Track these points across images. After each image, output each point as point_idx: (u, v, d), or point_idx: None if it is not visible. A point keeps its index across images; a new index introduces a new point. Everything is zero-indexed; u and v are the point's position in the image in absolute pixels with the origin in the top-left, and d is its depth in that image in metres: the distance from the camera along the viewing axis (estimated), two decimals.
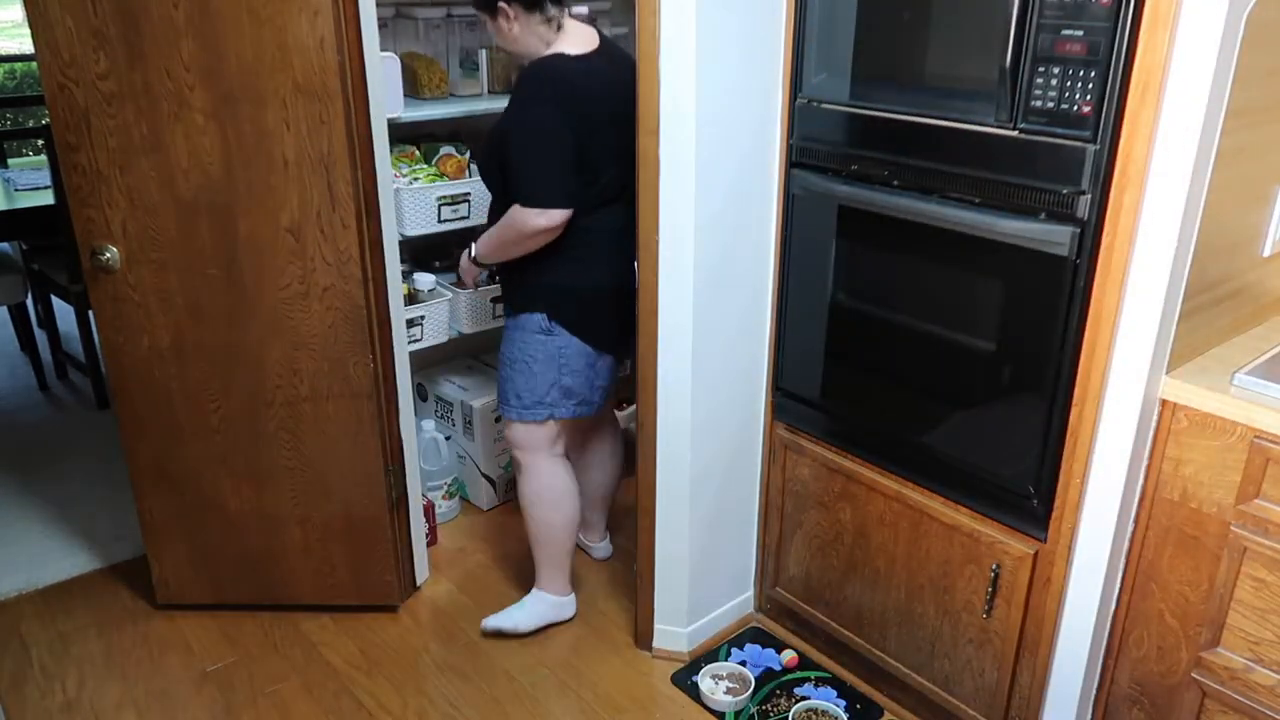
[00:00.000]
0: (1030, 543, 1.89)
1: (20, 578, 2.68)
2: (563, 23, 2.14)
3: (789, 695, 2.28)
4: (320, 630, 2.50)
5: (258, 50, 2.01)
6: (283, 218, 2.15)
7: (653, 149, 1.98)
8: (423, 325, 2.73)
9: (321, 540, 2.46)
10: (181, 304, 2.22)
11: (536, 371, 2.26)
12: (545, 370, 2.26)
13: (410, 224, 2.62)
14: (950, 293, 1.90)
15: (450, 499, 2.97)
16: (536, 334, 2.24)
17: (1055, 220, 1.68)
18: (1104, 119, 1.58)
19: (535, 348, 2.25)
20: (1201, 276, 1.68)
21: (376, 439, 2.36)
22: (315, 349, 2.26)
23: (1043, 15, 1.60)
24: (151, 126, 2.07)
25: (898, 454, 2.08)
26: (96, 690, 2.30)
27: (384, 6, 2.22)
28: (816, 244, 2.11)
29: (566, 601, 2.51)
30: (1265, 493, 1.60)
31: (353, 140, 2.12)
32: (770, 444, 2.36)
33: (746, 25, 1.96)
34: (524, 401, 2.28)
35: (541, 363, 2.25)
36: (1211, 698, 1.75)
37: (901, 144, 1.87)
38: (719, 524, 2.37)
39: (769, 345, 2.28)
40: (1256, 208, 1.77)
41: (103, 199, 2.12)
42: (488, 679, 2.35)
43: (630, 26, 2.55)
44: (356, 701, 2.27)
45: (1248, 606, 1.66)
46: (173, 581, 2.51)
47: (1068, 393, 1.75)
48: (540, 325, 2.23)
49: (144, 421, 2.33)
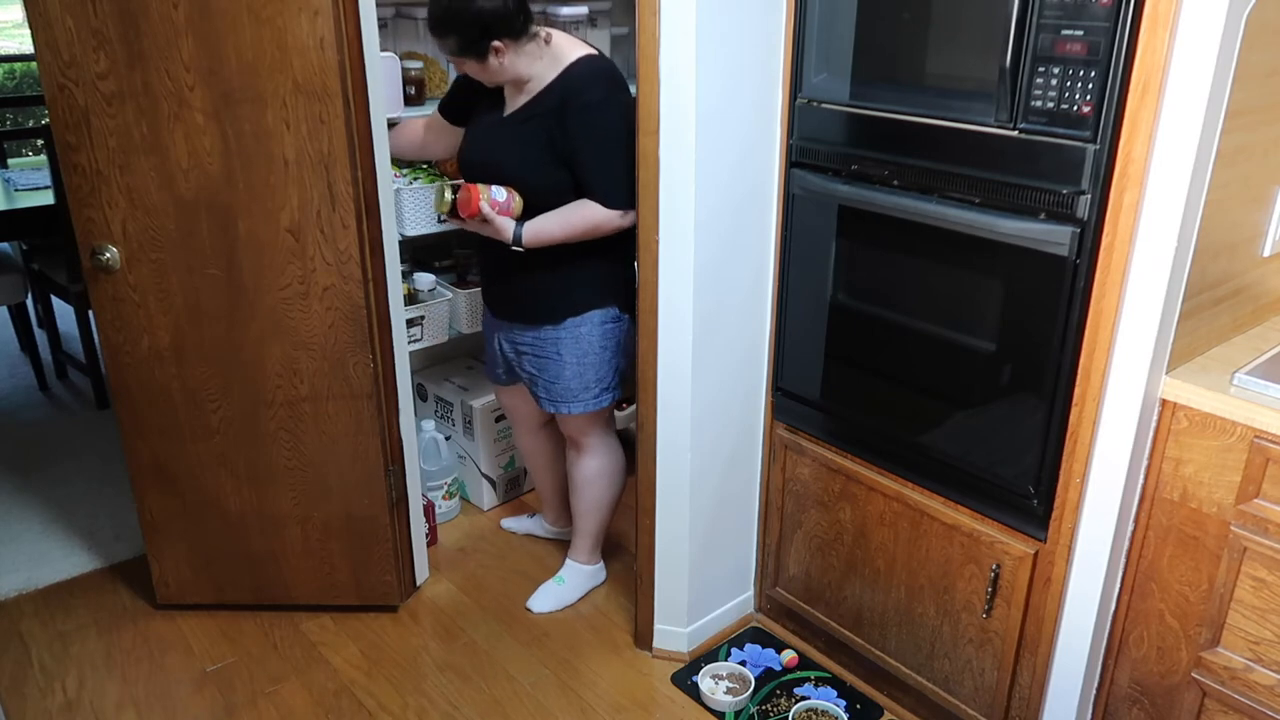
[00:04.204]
0: (1030, 543, 1.89)
1: (20, 578, 2.69)
2: (550, 35, 2.13)
3: (789, 695, 2.28)
4: (320, 630, 2.50)
5: (257, 50, 2.01)
6: (283, 218, 2.15)
7: (653, 149, 1.98)
8: (423, 325, 2.73)
9: (321, 540, 2.46)
10: (181, 304, 2.22)
11: (607, 360, 2.34)
12: (612, 358, 2.35)
13: (410, 224, 2.62)
14: (950, 293, 1.90)
15: (450, 499, 2.97)
16: (605, 324, 2.30)
17: (1055, 220, 1.68)
18: (1104, 119, 1.58)
19: (604, 339, 2.31)
20: (1201, 276, 1.68)
21: (376, 439, 2.36)
22: (315, 349, 2.26)
23: (1043, 15, 1.60)
24: (151, 126, 2.07)
25: (898, 454, 2.08)
26: (96, 690, 2.30)
27: (384, 6, 2.22)
28: (816, 244, 2.11)
29: (599, 569, 2.68)
30: (1265, 493, 1.60)
31: (353, 140, 2.12)
32: (770, 444, 2.36)
33: (746, 25, 1.96)
34: (593, 392, 2.35)
35: (611, 350, 2.34)
36: (1211, 698, 1.75)
37: (901, 144, 1.87)
38: (719, 524, 2.37)
39: (769, 345, 2.28)
40: (1256, 208, 1.77)
41: (103, 199, 2.12)
42: (488, 679, 2.35)
43: (630, 26, 2.54)
44: (356, 701, 2.27)
45: (1248, 606, 1.66)
46: (173, 581, 2.51)
47: (1068, 393, 1.75)
48: (610, 316, 2.30)
49: (144, 421, 2.33)
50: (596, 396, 2.36)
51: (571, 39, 2.20)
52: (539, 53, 2.12)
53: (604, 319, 2.30)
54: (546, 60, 2.13)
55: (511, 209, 2.19)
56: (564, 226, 2.17)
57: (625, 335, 2.34)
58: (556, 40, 2.15)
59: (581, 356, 2.31)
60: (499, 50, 2.06)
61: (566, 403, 2.36)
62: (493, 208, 2.17)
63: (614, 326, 2.31)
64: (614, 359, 2.35)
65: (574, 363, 2.31)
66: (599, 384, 2.35)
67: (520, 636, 2.49)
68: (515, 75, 2.13)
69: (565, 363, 2.32)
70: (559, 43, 2.15)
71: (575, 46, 2.17)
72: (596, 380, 2.34)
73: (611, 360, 2.35)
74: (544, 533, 2.88)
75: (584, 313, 2.28)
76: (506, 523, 2.95)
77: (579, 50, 2.16)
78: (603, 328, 2.30)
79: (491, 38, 2.03)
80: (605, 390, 2.36)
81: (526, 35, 2.08)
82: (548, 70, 2.13)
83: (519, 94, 2.17)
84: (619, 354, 2.36)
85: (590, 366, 2.32)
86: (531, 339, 2.34)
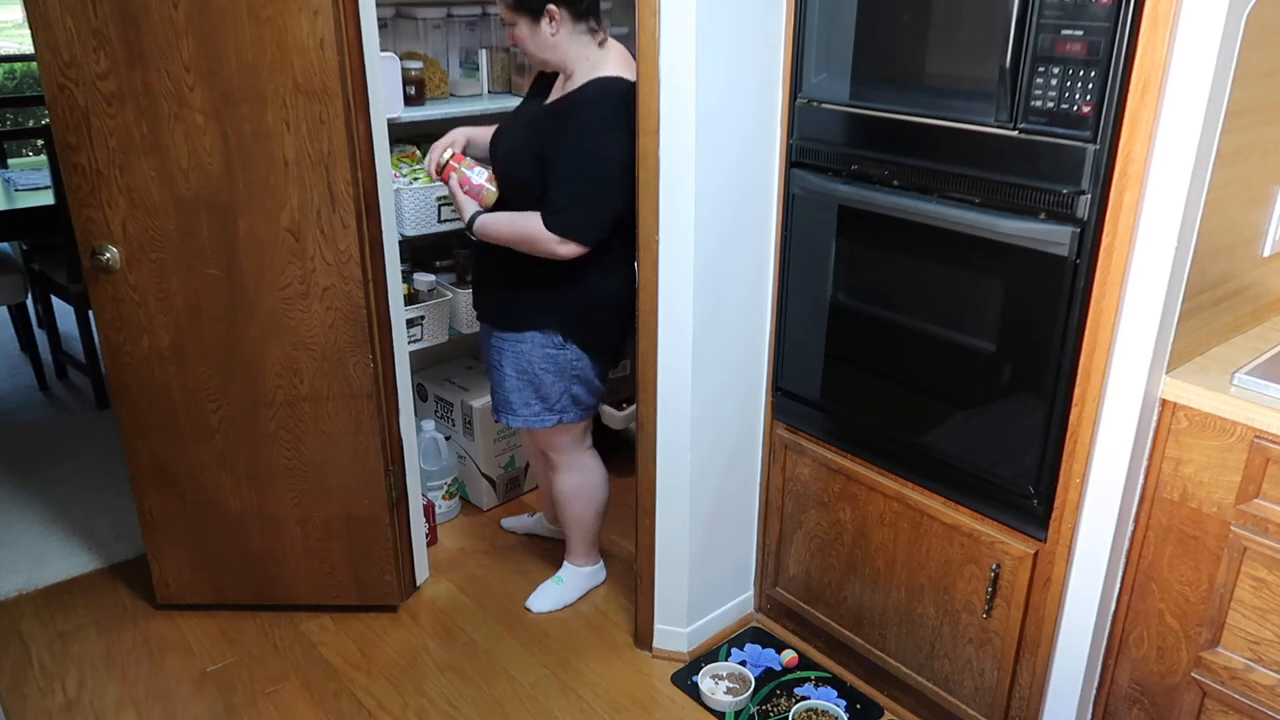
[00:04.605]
0: (1030, 543, 1.89)
1: (20, 578, 2.69)
2: (606, 39, 2.12)
3: (789, 695, 2.28)
4: (320, 630, 2.50)
5: (257, 50, 2.01)
6: (283, 218, 2.15)
7: (653, 149, 1.98)
8: (423, 325, 2.73)
9: (321, 540, 2.46)
10: (181, 304, 2.22)
11: (549, 384, 2.28)
12: (556, 381, 2.28)
13: (410, 224, 2.62)
14: (950, 293, 1.90)
15: (450, 499, 2.97)
16: (546, 349, 2.25)
17: (1055, 220, 1.68)
18: (1104, 119, 1.58)
19: (545, 362, 2.26)
20: (1201, 276, 1.68)
21: (376, 439, 2.36)
22: (315, 349, 2.26)
23: (1043, 15, 1.60)
24: (151, 126, 2.07)
25: (898, 454, 2.08)
26: (96, 690, 2.30)
27: (384, 6, 2.22)
28: (816, 244, 2.11)
29: (598, 569, 2.66)
30: (1265, 492, 1.60)
31: (353, 140, 2.12)
32: (770, 444, 2.36)
33: (746, 25, 1.96)
34: (533, 410, 2.31)
35: (553, 375, 2.27)
36: (1212, 697, 1.75)
37: (901, 144, 1.87)
38: (719, 524, 2.37)
39: (769, 345, 2.28)
40: (1256, 208, 1.77)
41: (103, 199, 2.12)
42: (488, 679, 2.35)
43: (630, 26, 2.55)
44: (356, 701, 2.27)
45: (1248, 606, 1.66)
46: (173, 581, 2.51)
47: (1068, 393, 1.75)
48: (552, 342, 2.24)
49: (144, 421, 2.33)
50: (538, 414, 2.31)
51: (622, 55, 2.14)
52: (588, 50, 2.09)
53: (544, 343, 2.24)
54: (591, 61, 2.10)
55: (482, 196, 2.20)
56: (509, 227, 2.16)
57: (575, 364, 2.27)
58: (609, 47, 2.12)
59: (520, 372, 2.28)
60: (553, 16, 2.03)
61: (505, 414, 2.34)
62: (461, 185, 2.18)
63: (555, 353, 2.25)
64: (559, 384, 2.28)
65: (513, 375, 2.29)
66: (541, 403, 2.30)
67: (520, 636, 2.49)
68: (561, 59, 2.10)
69: (505, 373, 2.30)
70: (608, 51, 2.12)
71: (616, 61, 2.12)
72: (539, 399, 2.29)
73: (556, 385, 2.28)
74: (545, 531, 2.88)
75: (524, 330, 2.25)
76: (507, 522, 2.94)
77: (613, 68, 2.11)
78: (543, 351, 2.25)
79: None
80: (550, 411, 2.31)
81: (584, 20, 2.06)
82: (585, 73, 2.10)
83: (560, 86, 2.16)
84: (568, 381, 2.28)
85: (529, 385, 2.28)
86: (493, 340, 2.33)
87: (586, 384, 2.32)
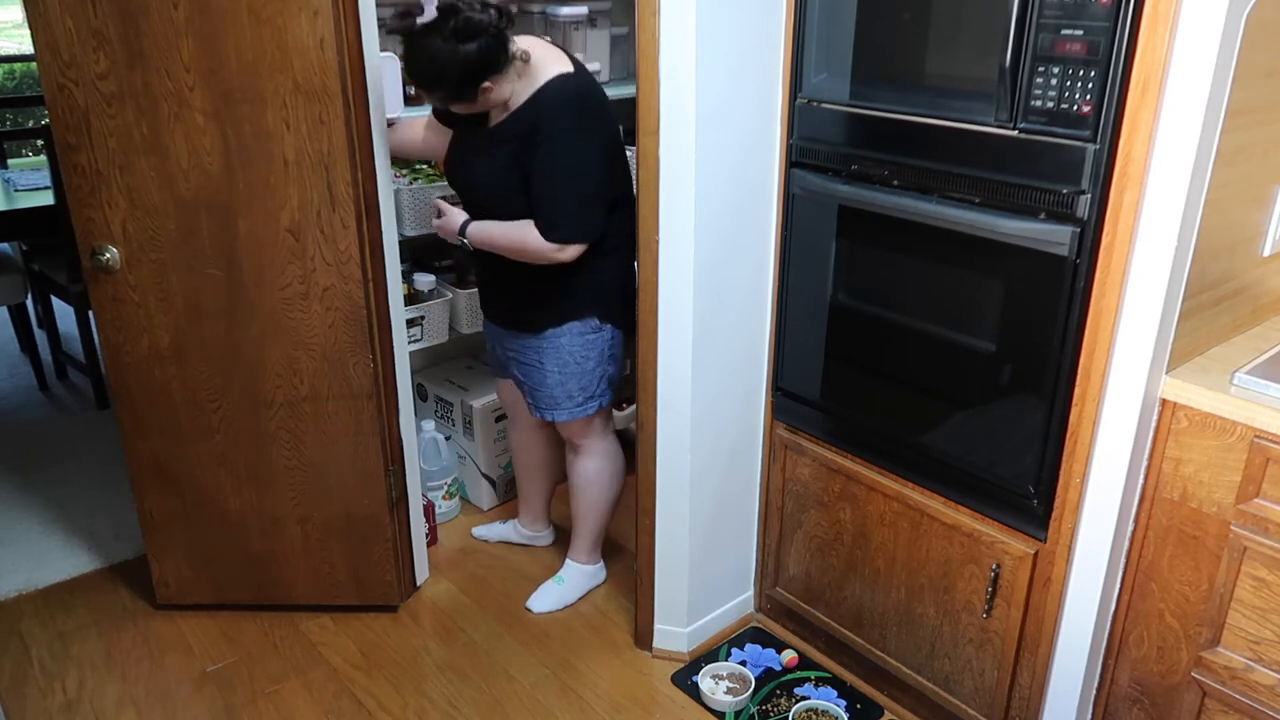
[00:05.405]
0: (1030, 543, 1.89)
1: (20, 578, 2.69)
2: (529, 52, 2.08)
3: (789, 695, 2.28)
4: (320, 630, 2.50)
5: (257, 50, 2.01)
6: (283, 218, 2.15)
7: (652, 149, 1.98)
8: (423, 325, 2.74)
9: (321, 540, 2.46)
10: (181, 304, 2.22)
11: (589, 369, 2.33)
12: (596, 366, 2.33)
13: (410, 224, 2.62)
14: (950, 293, 1.90)
15: (450, 499, 2.97)
16: (584, 335, 2.29)
17: (1055, 220, 1.68)
18: (1104, 119, 1.58)
19: (584, 349, 2.31)
20: (1201, 276, 1.68)
21: (376, 439, 2.36)
22: (315, 349, 2.26)
23: (1043, 15, 1.60)
24: (151, 127, 2.07)
25: (898, 454, 2.08)
26: (96, 690, 2.30)
27: (384, 7, 2.22)
28: (816, 244, 2.11)
29: (599, 568, 2.67)
30: (1265, 492, 1.60)
31: (353, 140, 2.12)
32: (770, 444, 2.36)
33: (746, 25, 1.96)
34: (576, 400, 2.35)
35: (594, 360, 2.32)
36: (1212, 697, 1.75)
37: (901, 144, 1.87)
38: (719, 524, 2.37)
39: (769, 345, 2.28)
40: (1256, 208, 1.77)
41: (103, 199, 2.12)
42: (488, 679, 2.35)
43: (630, 26, 2.54)
44: (356, 701, 2.27)
45: (1248, 606, 1.66)
46: (173, 581, 2.51)
47: (1068, 393, 1.75)
48: (590, 327, 2.29)
49: (144, 421, 2.33)
50: (581, 404, 2.36)
51: (548, 49, 2.15)
52: (519, 71, 2.08)
53: (582, 330, 2.28)
54: (526, 78, 2.10)
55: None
56: (504, 237, 2.19)
57: (610, 344, 2.33)
58: (535, 55, 2.10)
59: (562, 366, 2.31)
60: (487, 89, 2.04)
61: (551, 410, 2.37)
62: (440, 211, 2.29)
63: (594, 337, 2.30)
64: (598, 368, 2.34)
65: (555, 371, 2.32)
66: (582, 392, 2.35)
67: (520, 636, 2.49)
68: (500, 100, 2.11)
69: (547, 371, 2.32)
70: (537, 58, 2.10)
71: (552, 60, 2.12)
72: (580, 389, 2.34)
73: (595, 369, 2.33)
74: (519, 538, 2.84)
75: (562, 324, 2.28)
76: (478, 530, 2.90)
77: (556, 66, 2.11)
78: (582, 338, 2.29)
79: (480, 81, 2.01)
80: (590, 398, 2.36)
81: (509, 63, 2.04)
82: (526, 87, 2.10)
83: (500, 110, 2.15)
84: (605, 362, 2.34)
85: (572, 376, 2.32)
86: (518, 346, 2.36)
87: (618, 362, 2.38)
